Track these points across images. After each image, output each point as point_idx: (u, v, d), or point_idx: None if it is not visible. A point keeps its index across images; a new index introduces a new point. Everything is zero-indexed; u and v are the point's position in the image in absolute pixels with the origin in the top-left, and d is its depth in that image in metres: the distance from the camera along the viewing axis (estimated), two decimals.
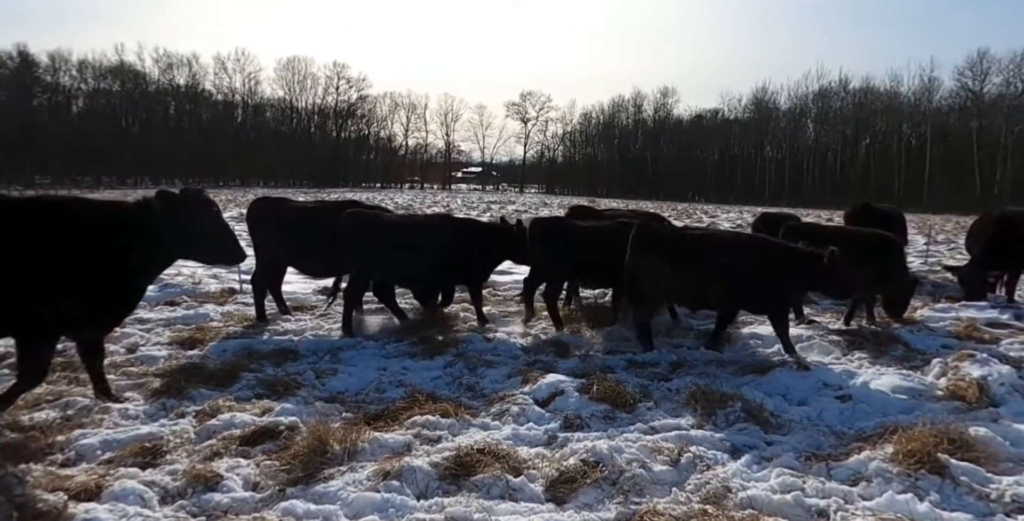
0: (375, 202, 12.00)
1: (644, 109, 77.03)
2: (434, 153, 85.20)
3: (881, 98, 60.03)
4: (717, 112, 72.40)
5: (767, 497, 2.96)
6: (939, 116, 56.05)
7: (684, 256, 5.34)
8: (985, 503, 3.01)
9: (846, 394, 4.30)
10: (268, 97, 74.73)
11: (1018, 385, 4.54)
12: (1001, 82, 53.03)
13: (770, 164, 65.24)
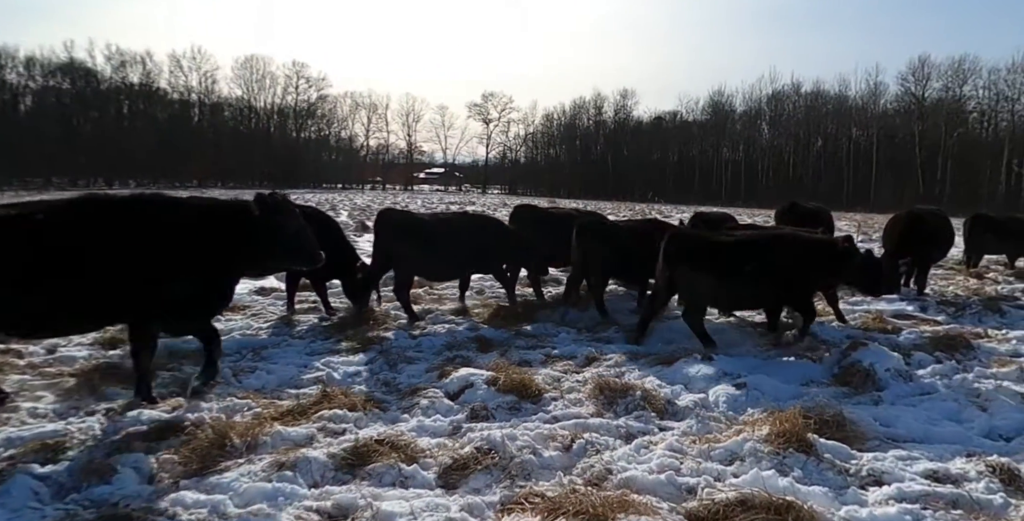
0: (312, 203, 11.86)
1: (604, 111, 78.08)
2: (396, 154, 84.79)
3: (831, 101, 62.18)
4: (676, 114, 73.86)
5: (644, 477, 3.15)
6: (885, 119, 58.36)
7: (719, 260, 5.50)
8: (843, 477, 3.27)
9: (743, 382, 4.54)
10: (226, 96, 73.18)
11: (902, 371, 4.88)
12: (941, 87, 55.62)
13: (727, 165, 66.86)
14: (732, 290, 5.57)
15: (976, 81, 55.03)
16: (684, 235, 5.94)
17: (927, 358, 5.29)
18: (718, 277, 5.47)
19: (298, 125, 76.97)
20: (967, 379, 4.88)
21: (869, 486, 3.19)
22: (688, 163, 69.69)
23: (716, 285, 5.50)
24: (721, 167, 67.15)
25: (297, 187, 65.56)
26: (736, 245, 5.67)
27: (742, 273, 5.41)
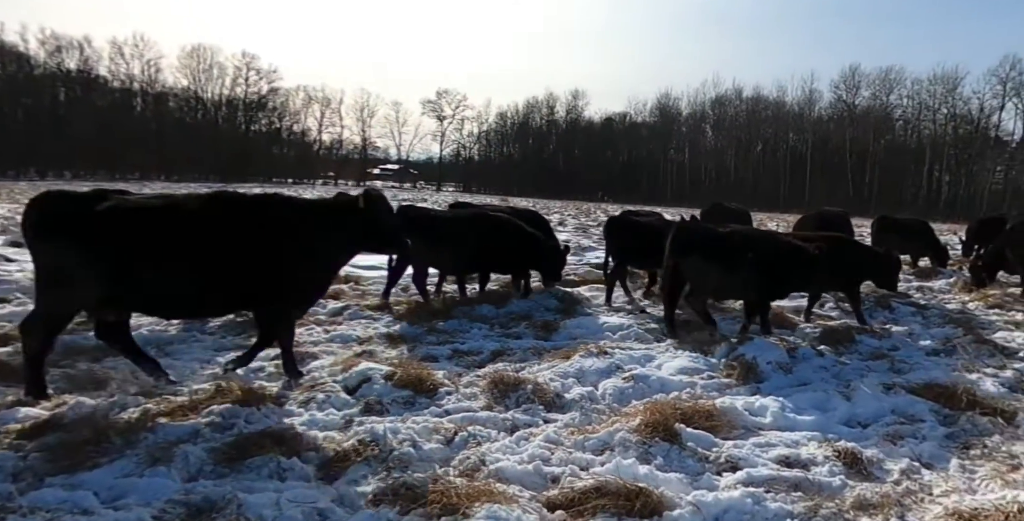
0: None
1: (557, 111, 78.85)
2: (350, 149, 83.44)
3: (770, 107, 64.58)
4: (625, 116, 75.26)
5: (513, 468, 3.29)
6: (820, 125, 61.07)
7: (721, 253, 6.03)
8: (702, 464, 3.50)
9: (633, 375, 4.76)
10: (171, 86, 70.47)
11: (784, 364, 5.20)
12: (870, 96, 58.59)
13: (672, 166, 68.55)
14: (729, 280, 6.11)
15: (901, 90, 58.26)
16: (691, 228, 6.53)
17: (810, 351, 5.64)
18: (721, 267, 6.01)
19: (248, 118, 74.83)
20: (843, 371, 5.26)
21: (725, 472, 3.41)
22: (636, 164, 71.09)
23: (719, 274, 6.07)
24: (667, 168, 68.78)
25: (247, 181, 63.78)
26: (736, 238, 6.25)
27: (741, 265, 5.95)
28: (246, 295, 4.45)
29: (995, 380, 5.08)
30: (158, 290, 4.13)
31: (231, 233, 4.24)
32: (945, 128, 57.64)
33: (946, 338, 6.45)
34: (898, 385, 4.68)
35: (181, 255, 4.09)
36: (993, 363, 5.54)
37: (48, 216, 3.98)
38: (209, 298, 4.37)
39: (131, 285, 4.04)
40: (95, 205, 4.03)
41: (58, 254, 3.94)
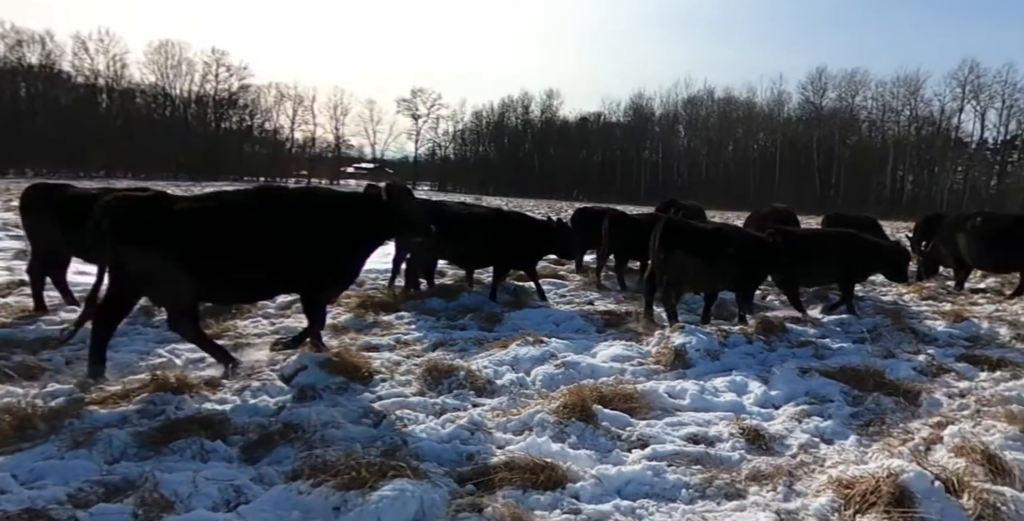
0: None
1: (532, 110, 79.17)
2: (324, 147, 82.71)
3: (741, 108, 65.67)
4: (600, 115, 75.86)
5: (432, 446, 3.44)
6: (788, 126, 62.30)
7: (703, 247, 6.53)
8: (614, 442, 3.68)
9: (564, 362, 4.93)
10: (138, 82, 69.06)
11: (712, 351, 5.43)
12: (836, 97, 60.01)
13: (646, 165, 69.32)
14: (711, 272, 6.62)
15: (866, 92, 59.75)
16: (679, 224, 6.98)
17: (740, 339, 5.88)
18: (703, 260, 6.50)
19: (218, 115, 73.68)
20: (768, 357, 5.52)
21: (635, 448, 3.60)
22: (611, 163, 71.72)
23: (701, 267, 6.55)
24: (641, 167, 69.54)
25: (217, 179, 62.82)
26: (717, 234, 6.84)
27: (721, 258, 6.50)
28: (293, 281, 4.91)
29: (908, 364, 5.36)
30: (218, 279, 4.57)
31: (281, 225, 4.66)
32: (908, 129, 59.30)
33: (874, 327, 6.75)
34: (814, 369, 4.93)
35: (239, 247, 4.50)
36: (909, 349, 5.84)
37: (118, 216, 4.37)
38: (261, 284, 4.86)
39: (194, 277, 4.42)
40: (162, 203, 4.52)
41: (126, 250, 4.32)
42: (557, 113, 78.37)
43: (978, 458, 3.31)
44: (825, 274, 7.66)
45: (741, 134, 65.82)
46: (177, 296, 4.63)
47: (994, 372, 5.31)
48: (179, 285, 4.45)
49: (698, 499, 3.12)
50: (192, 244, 4.39)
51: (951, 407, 4.47)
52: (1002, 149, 58.56)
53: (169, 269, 4.33)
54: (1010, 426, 3.83)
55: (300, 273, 4.79)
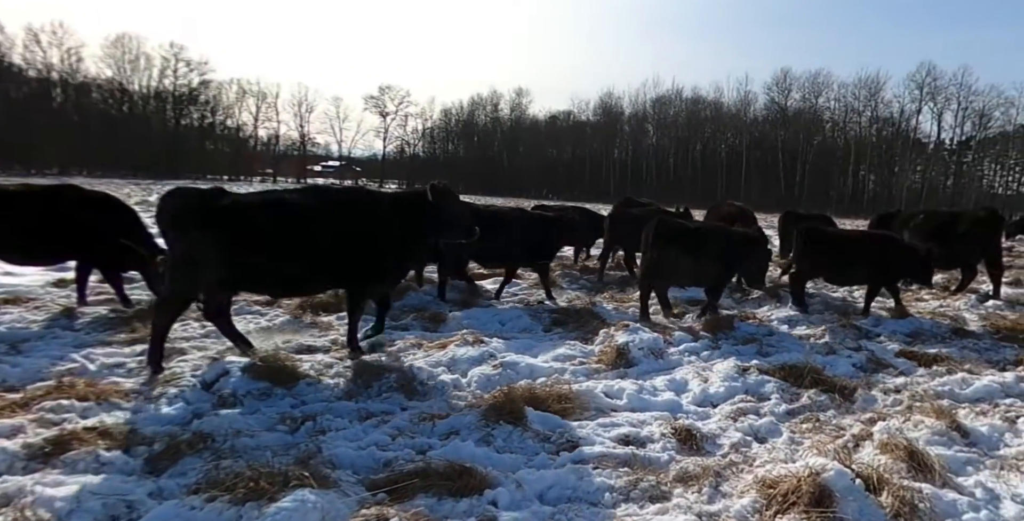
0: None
1: (501, 108, 79.01)
2: (289, 145, 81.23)
3: (709, 107, 66.55)
4: (570, 114, 76.07)
5: (348, 453, 3.28)
6: (756, 126, 63.33)
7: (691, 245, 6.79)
8: (542, 444, 3.56)
9: (502, 363, 4.81)
10: (94, 76, 66.75)
11: (656, 349, 5.37)
12: (800, 98, 61.21)
13: (615, 164, 69.79)
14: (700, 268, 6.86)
15: (829, 94, 61.09)
16: (670, 223, 7.21)
17: (686, 337, 5.85)
18: (693, 257, 6.75)
19: (178, 111, 71.69)
20: (712, 355, 5.47)
21: (563, 451, 3.50)
22: (580, 161, 71.99)
23: (691, 263, 6.78)
24: (611, 166, 69.98)
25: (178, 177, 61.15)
26: (704, 232, 7.12)
27: (705, 255, 6.77)
28: (340, 276, 5.04)
29: (848, 360, 5.39)
30: (268, 273, 4.72)
31: (329, 223, 4.81)
32: (869, 130, 60.76)
33: (821, 323, 6.79)
34: (754, 367, 4.89)
35: (288, 243, 4.66)
36: (851, 345, 5.87)
37: (180, 209, 4.56)
38: (310, 279, 4.98)
39: (247, 269, 4.62)
40: (218, 200, 4.63)
41: (186, 242, 4.51)
42: (527, 111, 78.55)
43: (901, 455, 3.29)
44: (859, 274, 7.72)
45: (709, 134, 66.68)
46: (226, 286, 4.81)
47: (930, 368, 5.37)
48: (229, 275, 4.62)
49: (622, 502, 3.03)
50: (245, 236, 4.53)
51: (885, 403, 4.49)
52: (958, 149, 60.48)
53: (220, 260, 4.50)
54: (937, 421, 3.83)
55: (346, 269, 4.96)
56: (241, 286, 4.97)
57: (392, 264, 5.26)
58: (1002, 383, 4.87)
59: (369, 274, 5.08)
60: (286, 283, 4.94)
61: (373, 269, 5.07)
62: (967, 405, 4.41)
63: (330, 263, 4.86)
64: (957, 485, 3.16)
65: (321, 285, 5.29)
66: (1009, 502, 3.06)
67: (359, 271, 5.00)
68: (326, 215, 4.83)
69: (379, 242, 5.01)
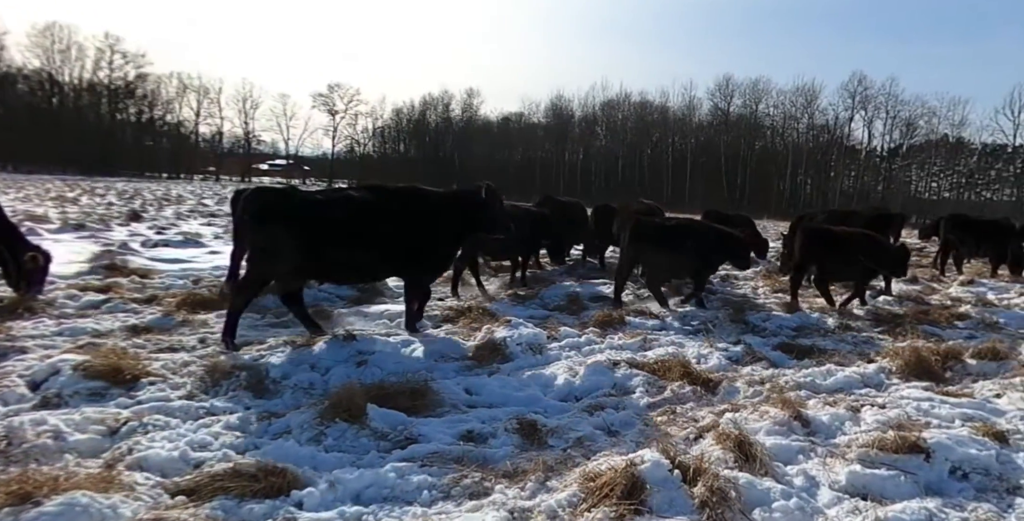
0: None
1: (452, 108, 78.66)
2: (234, 142, 78.77)
3: (656, 111, 67.84)
4: (521, 115, 76.31)
5: (158, 455, 3.08)
6: (701, 130, 64.92)
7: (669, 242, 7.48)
8: (377, 442, 3.44)
9: (368, 359, 4.67)
10: (20, 66, 63.21)
11: (535, 345, 5.32)
12: (742, 104, 63.11)
13: (566, 166, 70.40)
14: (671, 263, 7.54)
15: (768, 100, 63.17)
16: (647, 222, 7.89)
17: (573, 333, 5.83)
18: (668, 253, 7.38)
19: (113, 105, 68.65)
20: (594, 350, 5.45)
21: (397, 449, 3.38)
22: (531, 163, 72.30)
23: (668, 259, 7.44)
24: (561, 168, 70.55)
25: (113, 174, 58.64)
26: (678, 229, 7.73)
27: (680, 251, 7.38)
28: (399, 266, 5.60)
29: (723, 354, 5.45)
30: (336, 262, 5.23)
31: (391, 218, 5.32)
32: (807, 136, 63.04)
33: (714, 318, 6.89)
34: (625, 361, 4.89)
35: (354, 235, 5.17)
36: (731, 340, 5.96)
37: (260, 205, 5.07)
38: (373, 268, 5.57)
39: (317, 259, 5.11)
40: (293, 197, 5.23)
41: (266, 234, 5.01)
42: (478, 112, 78.37)
43: (731, 445, 3.30)
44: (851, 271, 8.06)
45: (657, 138, 67.95)
46: (299, 274, 5.33)
47: (803, 360, 5.50)
48: (303, 264, 5.13)
49: (440, 500, 2.93)
50: (316, 229, 5.03)
51: (746, 394, 4.53)
52: (888, 156, 63.38)
53: (296, 250, 5.00)
54: (782, 411, 3.88)
55: (405, 260, 5.48)
56: (312, 274, 5.48)
57: (445, 255, 5.91)
58: (862, 374, 5.02)
59: (426, 264, 5.68)
60: (352, 272, 5.53)
61: (429, 260, 5.67)
62: (822, 395, 4.50)
63: (391, 254, 5.39)
64: (780, 473, 3.19)
65: (383, 274, 5.99)
66: (826, 489, 3.10)
67: (417, 262, 5.57)
68: (388, 211, 5.35)
69: (435, 235, 5.58)
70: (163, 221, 16.49)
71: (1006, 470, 3.39)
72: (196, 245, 11.43)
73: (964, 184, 63.07)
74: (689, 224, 8.39)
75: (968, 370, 5.36)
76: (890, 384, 4.93)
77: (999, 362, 5.48)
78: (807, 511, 2.85)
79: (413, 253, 5.46)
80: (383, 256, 5.36)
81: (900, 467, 3.25)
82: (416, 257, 5.50)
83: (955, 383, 5.03)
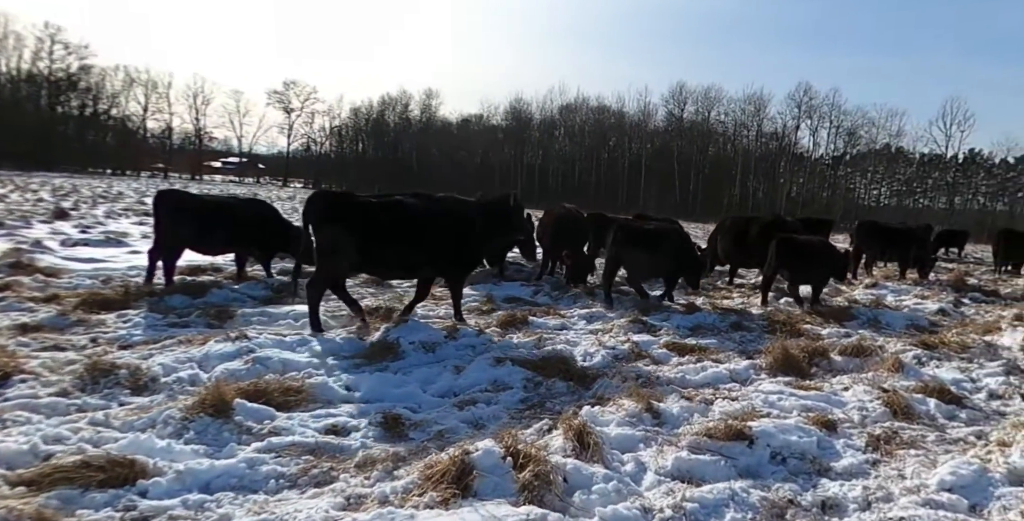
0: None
1: (411, 109, 78.31)
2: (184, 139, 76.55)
3: (613, 116, 68.99)
4: (481, 117, 76.49)
5: (8, 448, 3.14)
6: (656, 136, 66.31)
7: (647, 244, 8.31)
8: (239, 436, 3.57)
9: (255, 358, 4.76)
10: None
11: (428, 343, 5.49)
12: (695, 111, 64.77)
13: (524, 169, 70.90)
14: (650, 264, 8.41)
15: (720, 108, 65.03)
16: (629, 226, 8.62)
17: (470, 332, 6.02)
18: (648, 255, 8.24)
19: (53, 97, 65.83)
20: (489, 348, 5.65)
21: (249, 442, 3.49)
22: (490, 165, 72.55)
23: (647, 260, 8.28)
24: (519, 170, 71.02)
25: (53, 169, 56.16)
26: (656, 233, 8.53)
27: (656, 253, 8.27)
28: (441, 265, 6.37)
29: (610, 352, 5.73)
30: (388, 260, 6.02)
31: (434, 222, 6.12)
32: (756, 143, 65.09)
33: (617, 318, 7.20)
34: (509, 358, 5.12)
35: (403, 237, 5.95)
36: (622, 338, 6.25)
37: (323, 209, 5.85)
38: (418, 266, 6.28)
39: (371, 256, 5.89)
40: (351, 202, 5.93)
41: (331, 233, 5.80)
42: (436, 113, 78.21)
43: (572, 435, 3.54)
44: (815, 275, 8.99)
45: (614, 142, 69.07)
46: (350, 268, 6.14)
47: (683, 357, 5.83)
48: (357, 260, 5.92)
49: (286, 489, 3.09)
50: (371, 230, 5.81)
51: (617, 390, 4.81)
52: (833, 164, 65.95)
53: (354, 248, 5.78)
54: (636, 404, 4.16)
55: (449, 259, 6.30)
56: (365, 269, 6.44)
57: (478, 255, 6.74)
58: (732, 370, 5.38)
59: (463, 263, 6.53)
60: (399, 269, 6.30)
61: (467, 260, 6.55)
62: (688, 390, 4.81)
63: (435, 255, 6.14)
64: (610, 460, 3.44)
65: (426, 272, 6.50)
66: (652, 474, 3.38)
67: (457, 261, 6.39)
68: (432, 216, 6.12)
69: (472, 238, 6.42)
70: (91, 219, 16.04)
71: (824, 455, 3.75)
72: (118, 244, 11.23)
73: (904, 191, 66.13)
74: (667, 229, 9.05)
75: (833, 366, 5.78)
76: (756, 379, 5.29)
77: (863, 358, 5.93)
78: (623, 493, 3.12)
79: (454, 254, 6.28)
80: (428, 256, 6.12)
81: (724, 453, 3.56)
82: (456, 257, 6.34)
83: (817, 378, 5.43)
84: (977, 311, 9.79)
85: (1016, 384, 5.44)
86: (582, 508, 2.97)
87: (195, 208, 7.70)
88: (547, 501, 2.97)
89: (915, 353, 6.19)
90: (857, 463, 3.67)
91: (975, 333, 7.35)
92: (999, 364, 5.94)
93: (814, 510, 3.13)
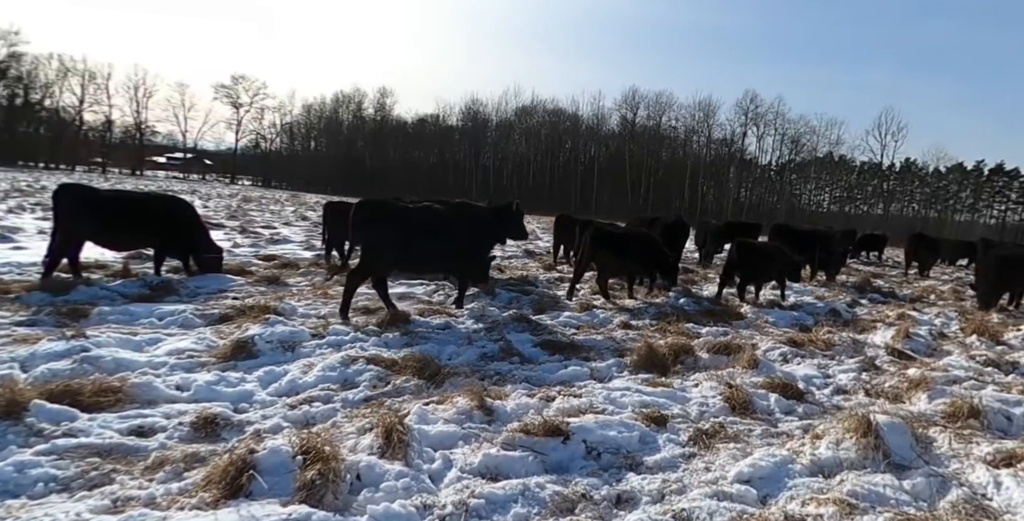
0: None
1: (365, 107, 77.36)
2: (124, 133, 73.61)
3: (569, 119, 69.66)
4: (438, 117, 76.08)
5: None
6: (609, 139, 67.23)
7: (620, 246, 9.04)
8: (25, 438, 3.37)
9: (85, 357, 4.53)
10: None
11: (290, 342, 5.38)
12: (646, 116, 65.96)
13: (479, 170, 70.88)
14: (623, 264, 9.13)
15: (671, 113, 66.41)
16: (603, 229, 9.27)
17: (343, 331, 5.90)
18: (618, 256, 8.94)
19: None
20: (353, 347, 5.54)
21: (43, 444, 3.33)
22: (445, 165, 72.30)
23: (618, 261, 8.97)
24: (475, 171, 70.97)
25: None
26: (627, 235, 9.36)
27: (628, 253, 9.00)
28: (458, 263, 7.34)
29: (481, 350, 5.71)
30: (422, 258, 6.93)
31: (460, 225, 7.08)
32: (706, 149, 66.64)
33: (503, 315, 7.18)
34: (362, 357, 5.03)
35: (436, 236, 6.82)
36: (495, 337, 6.23)
37: (369, 212, 6.72)
38: (442, 263, 7.35)
39: (408, 254, 6.75)
40: (393, 206, 6.80)
41: (374, 235, 6.69)
42: (391, 112, 77.45)
43: (382, 431, 3.49)
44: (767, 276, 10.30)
45: (569, 145, 69.71)
46: (390, 265, 6.93)
47: (553, 355, 5.85)
48: (395, 258, 6.76)
49: (55, 492, 2.94)
50: (408, 231, 6.67)
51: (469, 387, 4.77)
52: (780, 170, 68.08)
53: (394, 246, 6.65)
54: (469, 401, 4.13)
55: (465, 258, 7.28)
56: (402, 266, 7.17)
57: (488, 254, 7.80)
58: (594, 368, 5.42)
59: (475, 261, 7.46)
60: (423, 264, 7.26)
61: (479, 259, 7.55)
62: (543, 387, 4.80)
63: (457, 253, 7.06)
64: (414, 457, 3.39)
65: (450, 267, 7.53)
66: (455, 471, 3.34)
67: (471, 260, 7.38)
68: (459, 220, 7.13)
69: (485, 240, 7.57)
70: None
71: (642, 449, 3.80)
72: (3, 240, 10.67)
73: (844, 198, 68.67)
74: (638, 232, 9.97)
75: (698, 363, 5.88)
76: (617, 376, 5.33)
77: (730, 356, 6.06)
78: (412, 490, 3.07)
79: (470, 253, 7.27)
80: (455, 253, 7.04)
81: (535, 449, 3.56)
82: (471, 256, 7.35)
83: (677, 375, 5.51)
84: (870, 311, 10.17)
85: (865, 380, 5.64)
86: (361, 506, 2.91)
87: (95, 202, 7.76)
88: (326, 501, 2.90)
89: (781, 350, 6.37)
90: (671, 457, 3.72)
91: (851, 332, 7.62)
92: (857, 361, 6.17)
93: (604, 504, 3.15)
